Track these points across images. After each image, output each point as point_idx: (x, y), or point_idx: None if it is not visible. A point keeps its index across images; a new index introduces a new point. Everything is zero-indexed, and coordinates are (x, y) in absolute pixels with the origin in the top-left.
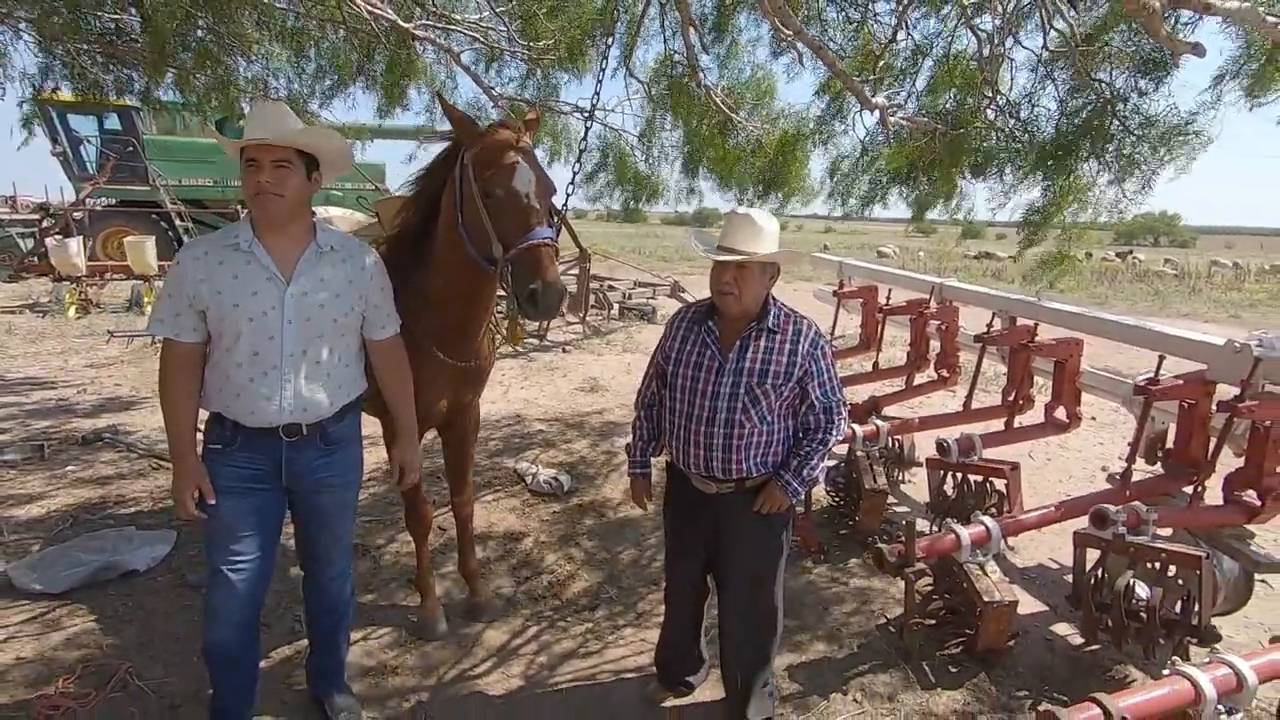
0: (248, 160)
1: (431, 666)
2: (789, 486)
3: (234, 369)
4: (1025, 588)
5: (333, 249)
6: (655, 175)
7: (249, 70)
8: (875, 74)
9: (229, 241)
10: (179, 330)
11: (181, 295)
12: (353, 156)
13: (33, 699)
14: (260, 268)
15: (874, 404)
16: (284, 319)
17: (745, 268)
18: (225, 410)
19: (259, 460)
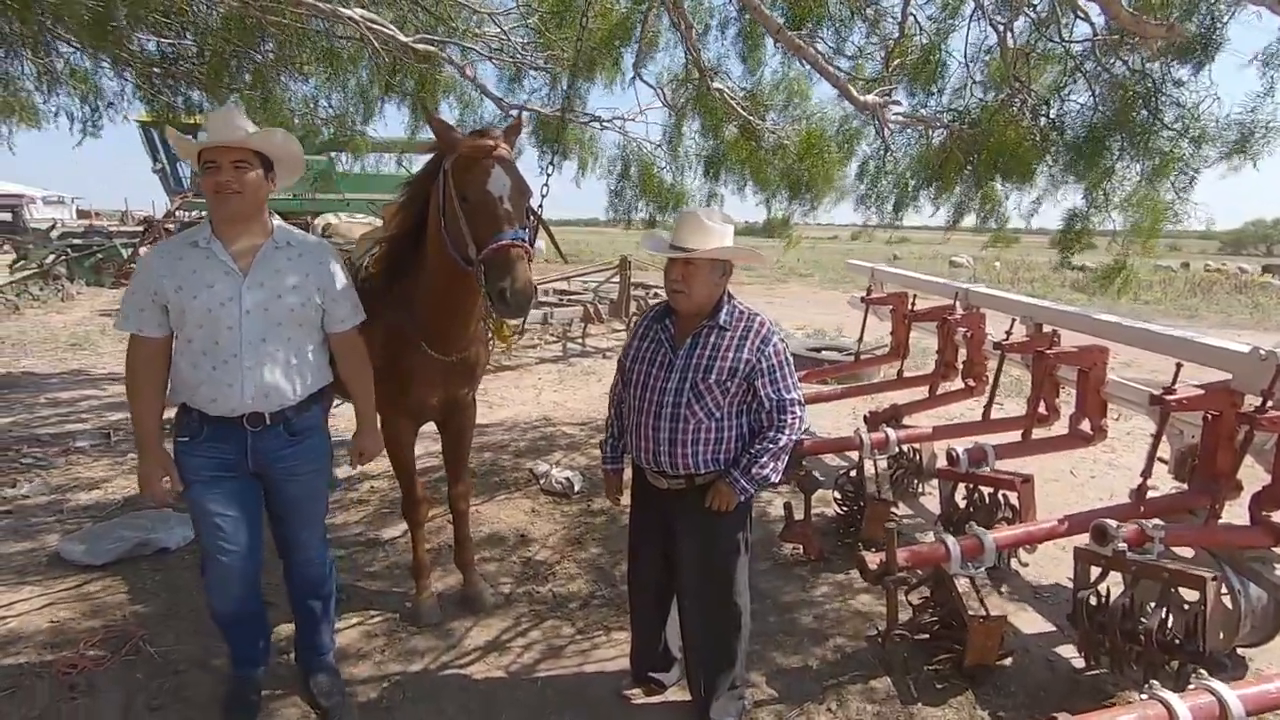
0: (207, 163)
1: (419, 652)
2: (737, 484)
3: (197, 358)
4: (1035, 606)
5: (289, 244)
6: (679, 184)
7: (299, 91)
8: (889, 71)
9: (190, 239)
10: (143, 325)
11: (146, 292)
12: (304, 159)
13: (56, 658)
14: (218, 262)
15: (895, 412)
16: (242, 310)
17: (692, 264)
18: (191, 400)
19: (226, 450)
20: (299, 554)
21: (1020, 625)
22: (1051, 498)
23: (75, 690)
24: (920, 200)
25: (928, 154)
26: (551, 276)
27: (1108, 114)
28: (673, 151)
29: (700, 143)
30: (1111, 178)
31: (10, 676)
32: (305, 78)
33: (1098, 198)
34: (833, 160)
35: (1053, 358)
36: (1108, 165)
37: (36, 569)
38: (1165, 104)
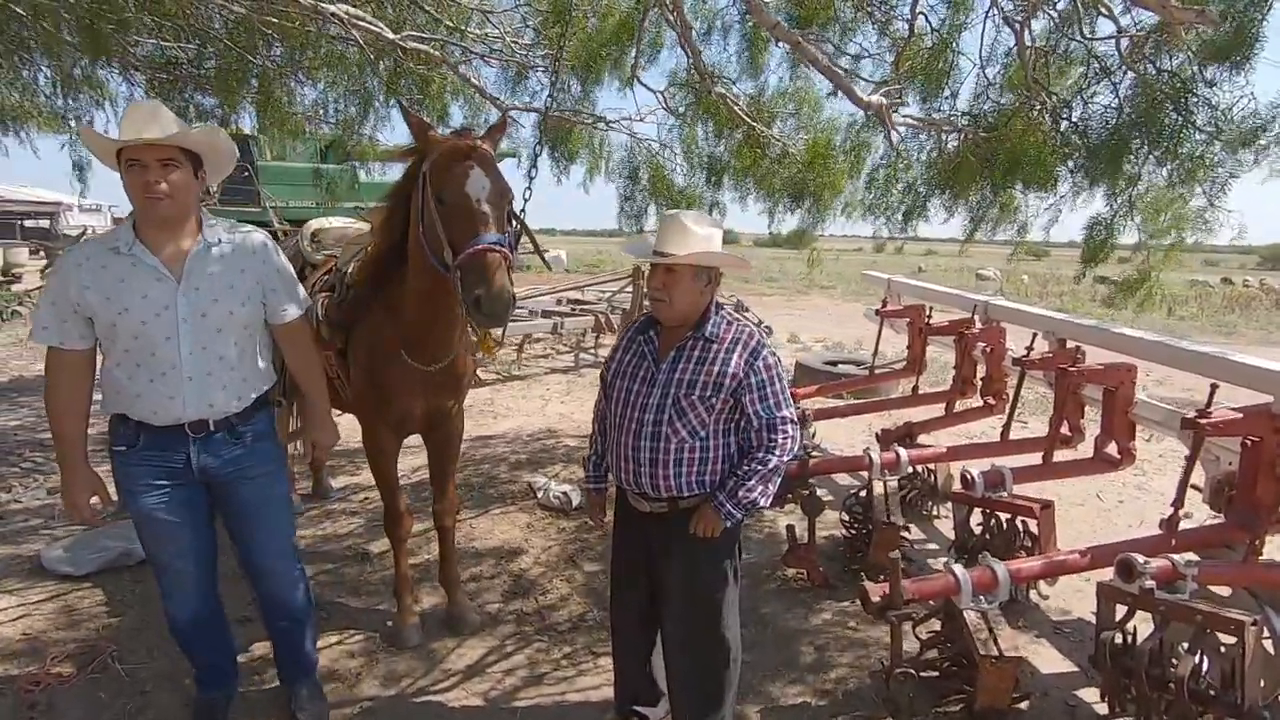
0: (129, 161)
1: (396, 677)
2: (722, 509)
3: (133, 371)
4: (1056, 643)
5: (221, 241)
6: (692, 188)
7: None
8: (899, 73)
9: (110, 245)
10: (64, 338)
11: (66, 303)
12: (234, 154)
13: (21, 674)
14: (146, 269)
15: (908, 430)
16: (179, 318)
17: (674, 271)
18: (129, 412)
19: (169, 457)
20: (264, 571)
21: (1039, 664)
22: (1076, 524)
23: (35, 709)
24: (932, 209)
25: (940, 160)
26: (563, 286)
27: (1133, 116)
28: (686, 153)
29: (702, 148)
30: (1137, 183)
31: None
32: (313, 83)
33: (1121, 204)
34: (840, 169)
35: (1075, 375)
36: (1132, 170)
37: (18, 576)
38: (1196, 105)
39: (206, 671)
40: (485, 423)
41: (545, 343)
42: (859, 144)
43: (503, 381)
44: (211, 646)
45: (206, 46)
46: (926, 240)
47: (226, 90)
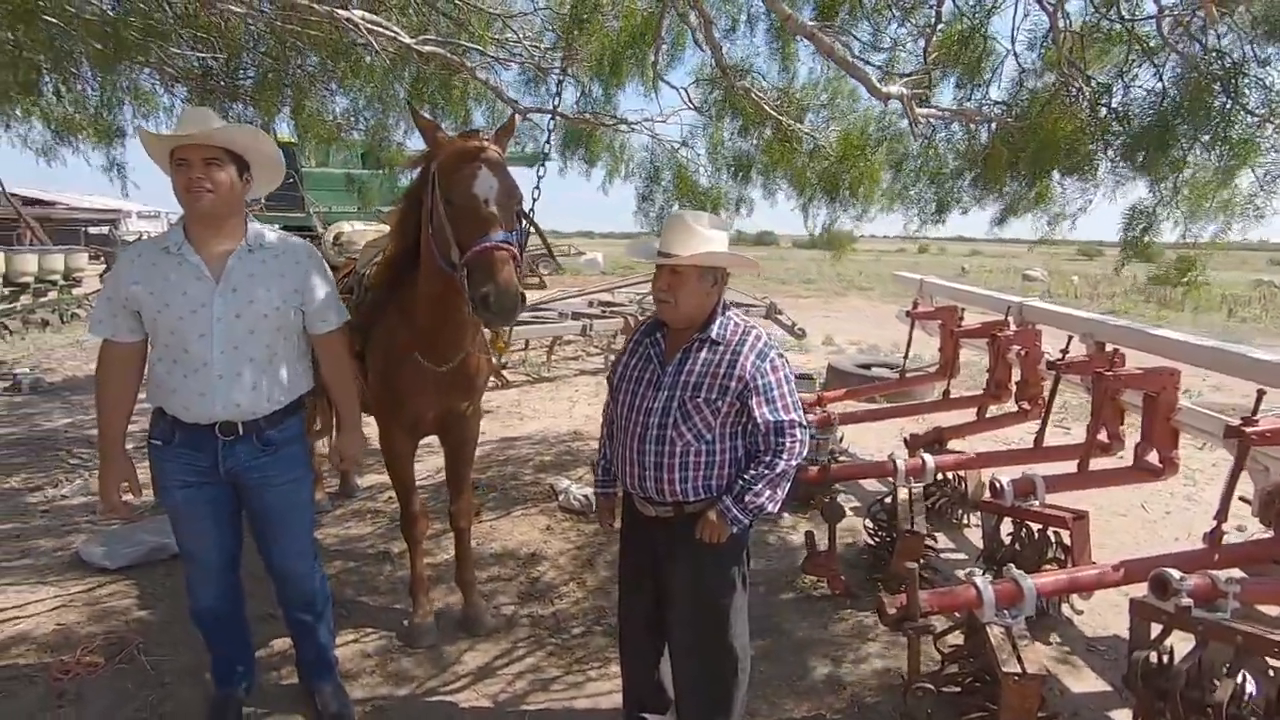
0: (178, 161)
1: (409, 677)
2: (729, 513)
3: (170, 366)
4: (1089, 661)
5: (263, 246)
6: (718, 188)
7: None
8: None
9: (161, 245)
10: (116, 331)
11: (119, 297)
12: (280, 161)
13: (52, 662)
14: (190, 268)
15: (938, 435)
16: (213, 317)
17: (678, 273)
18: (165, 406)
19: (199, 457)
20: (283, 570)
21: (1070, 683)
22: (1117, 535)
23: (63, 698)
24: (965, 200)
25: (971, 150)
26: (593, 288)
27: (1178, 99)
28: (712, 151)
29: (729, 145)
30: (1182, 169)
31: (9, 677)
32: (345, 91)
33: (1165, 191)
34: (876, 162)
35: (1112, 380)
36: (1178, 156)
37: (58, 569)
38: (1248, 86)
39: (223, 665)
40: (512, 424)
41: (576, 345)
42: (885, 135)
43: (532, 383)
44: (229, 638)
45: (243, 57)
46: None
47: (263, 100)
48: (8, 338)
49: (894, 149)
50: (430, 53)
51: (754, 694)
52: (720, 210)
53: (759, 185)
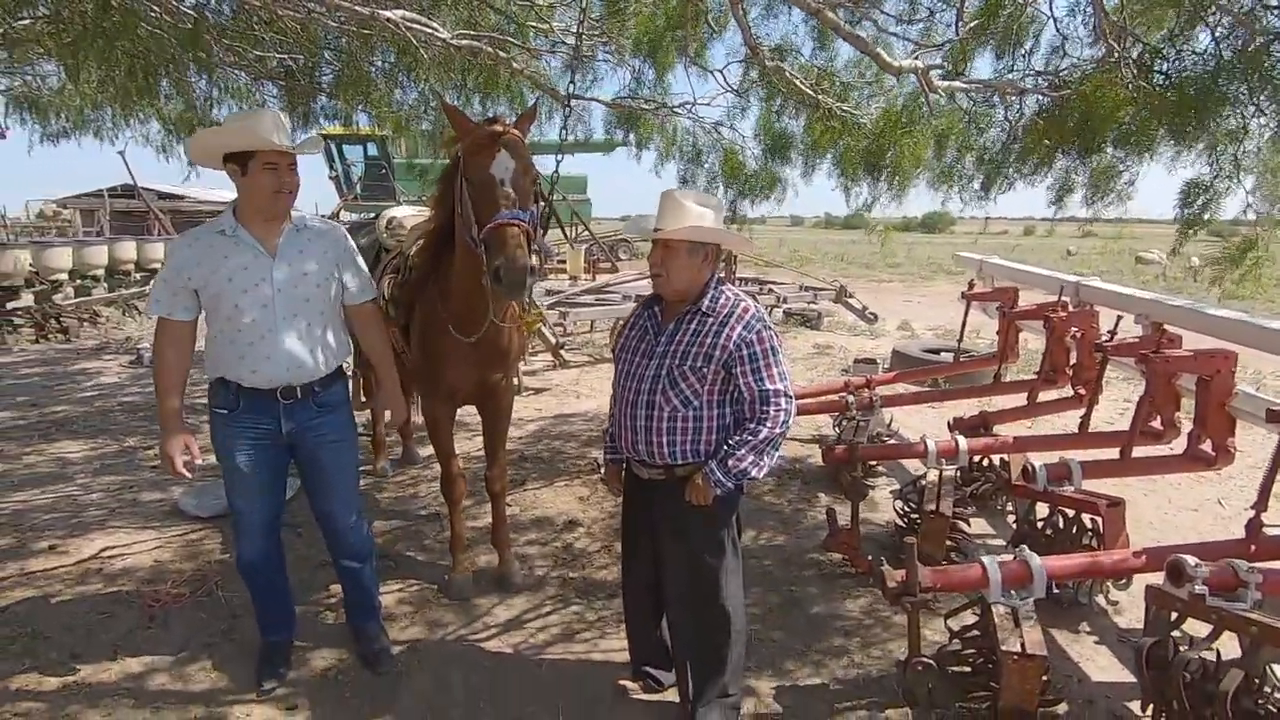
0: (266, 163)
1: (443, 624)
2: (712, 476)
3: (234, 336)
4: (1116, 652)
5: (307, 227)
6: (767, 169)
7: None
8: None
9: (217, 229)
10: (173, 310)
11: (178, 278)
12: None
13: (146, 592)
14: (247, 247)
15: (983, 420)
16: (274, 289)
17: (671, 247)
18: (230, 374)
19: (262, 420)
20: (334, 522)
21: (1090, 671)
22: (1182, 531)
23: (153, 621)
24: (1011, 176)
25: (1012, 125)
26: None
27: (1232, 60)
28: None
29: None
30: (1243, 139)
31: (109, 603)
32: (413, 83)
33: (1226, 164)
34: (919, 139)
35: (1160, 363)
36: (1236, 124)
37: (159, 516)
38: None
39: (267, 616)
40: (568, 402)
41: None
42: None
43: (593, 364)
44: (271, 591)
45: (322, 56)
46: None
47: (342, 95)
48: (135, 317)
49: (937, 126)
50: (469, 46)
51: (762, 660)
52: (773, 190)
53: (799, 165)
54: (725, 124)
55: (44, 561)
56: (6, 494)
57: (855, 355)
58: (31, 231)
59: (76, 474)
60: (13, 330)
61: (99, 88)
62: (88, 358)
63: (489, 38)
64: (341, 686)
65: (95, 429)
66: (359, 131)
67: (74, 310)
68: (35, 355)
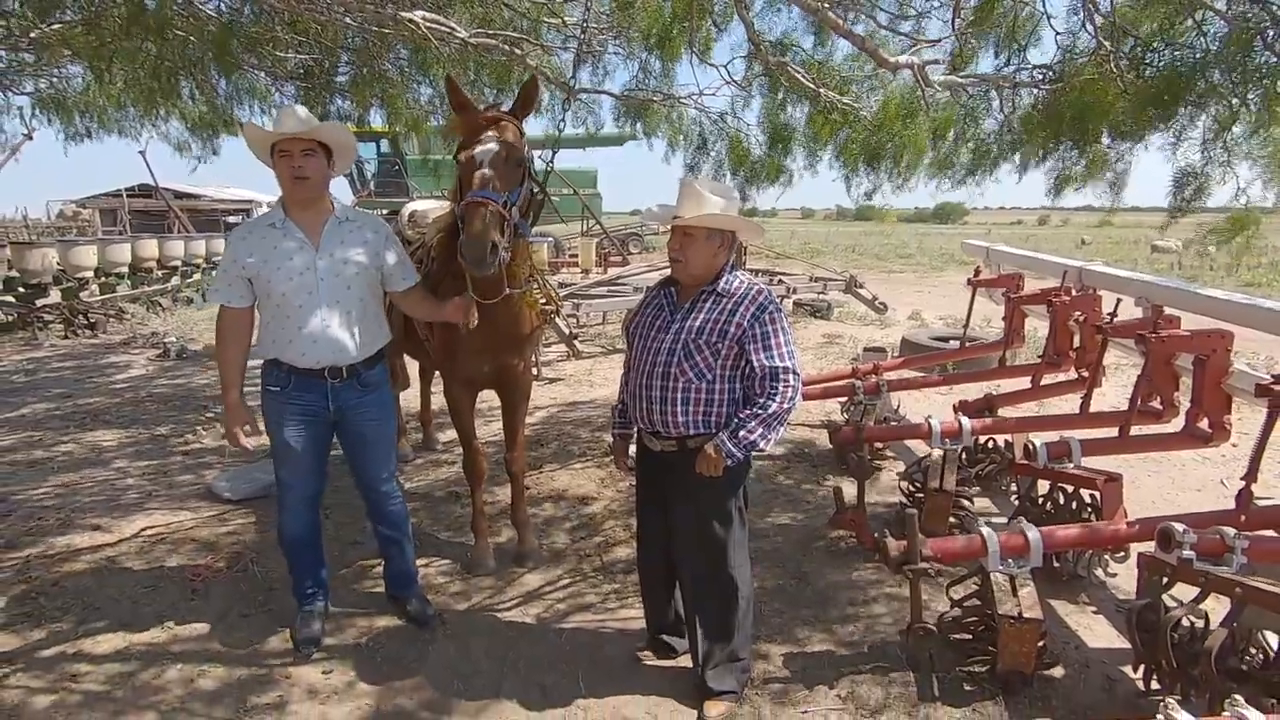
0: (280, 152)
1: (465, 595)
2: (723, 447)
3: (284, 321)
4: (1114, 621)
5: (349, 219)
6: (774, 158)
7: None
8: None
9: (268, 222)
10: (230, 297)
11: (234, 268)
12: (356, 148)
13: (189, 566)
14: (294, 239)
15: (988, 402)
16: (318, 277)
17: (689, 234)
18: (281, 356)
19: (310, 398)
20: (374, 488)
21: (1088, 639)
22: (1185, 510)
23: (195, 593)
24: (1005, 168)
25: (1008, 117)
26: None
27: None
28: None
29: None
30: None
31: (156, 576)
32: (428, 81)
33: (1215, 152)
34: (919, 130)
35: (1156, 343)
36: (1223, 113)
37: (194, 498)
38: None
39: (303, 586)
40: (581, 390)
41: None
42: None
43: (605, 354)
44: (310, 562)
45: (339, 56)
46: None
47: (357, 94)
48: (160, 312)
49: (936, 118)
50: (482, 43)
51: (772, 630)
52: (779, 178)
53: (800, 157)
54: (730, 114)
55: (90, 539)
56: (49, 478)
57: (865, 345)
58: (53, 232)
59: (113, 460)
60: (43, 326)
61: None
62: (115, 352)
63: (504, 35)
64: (373, 653)
65: (128, 419)
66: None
67: (100, 306)
68: (65, 350)
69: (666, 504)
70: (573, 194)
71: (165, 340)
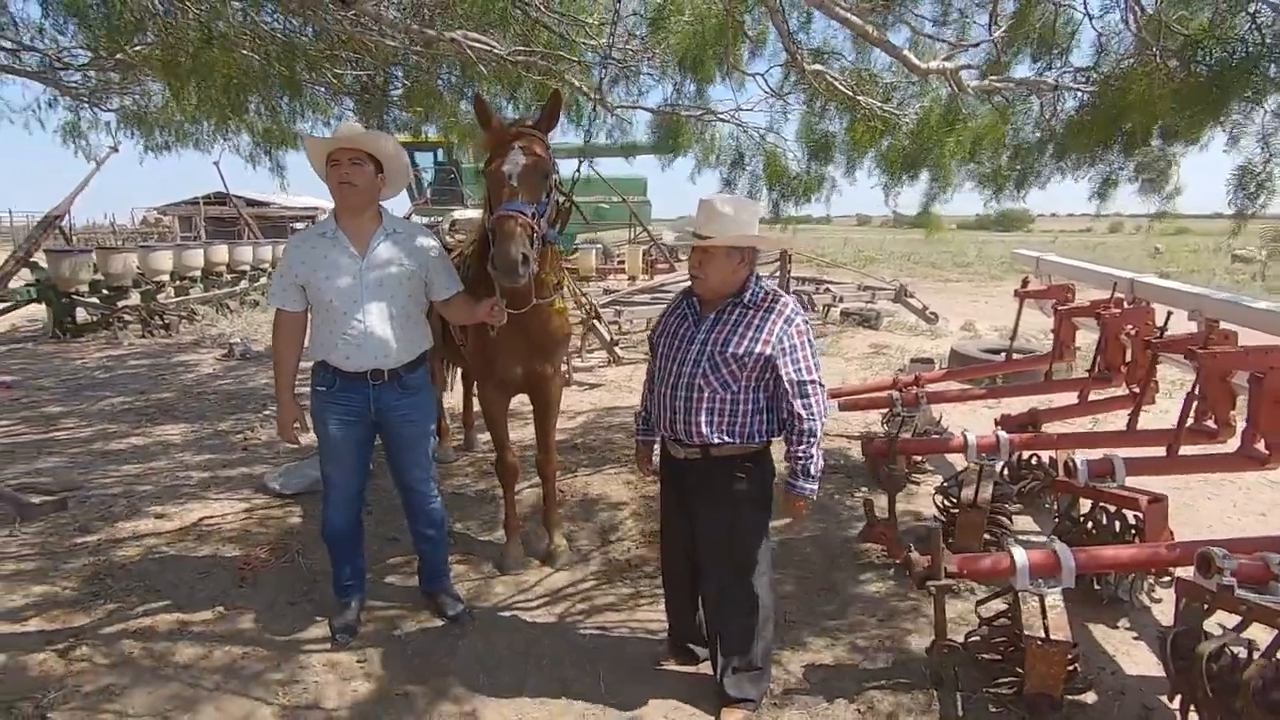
0: (331, 161)
1: (492, 593)
2: (796, 490)
3: (332, 326)
4: (1155, 648)
5: (396, 231)
6: (810, 173)
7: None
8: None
9: (319, 231)
10: (285, 301)
11: (289, 274)
12: (408, 165)
13: (239, 556)
14: (343, 248)
15: (1032, 417)
16: (364, 286)
17: (709, 251)
18: (328, 359)
19: (354, 399)
20: (413, 487)
21: (1126, 665)
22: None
23: (244, 582)
24: (1050, 175)
25: (1049, 122)
26: None
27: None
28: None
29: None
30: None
31: (208, 565)
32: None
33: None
34: (962, 136)
35: (1208, 359)
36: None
37: (250, 490)
38: None
39: (343, 578)
40: (620, 396)
41: None
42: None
43: (646, 361)
44: (351, 556)
45: (394, 72)
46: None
47: (411, 107)
48: (228, 314)
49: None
50: (522, 61)
51: (795, 641)
52: (815, 192)
53: (841, 165)
54: (768, 129)
55: (153, 525)
56: (119, 467)
57: (912, 355)
58: (137, 237)
59: (177, 452)
60: (123, 326)
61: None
62: (186, 351)
63: (542, 53)
64: (404, 644)
65: (194, 414)
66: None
67: (174, 308)
68: (141, 349)
69: (690, 509)
70: (621, 201)
71: (231, 341)
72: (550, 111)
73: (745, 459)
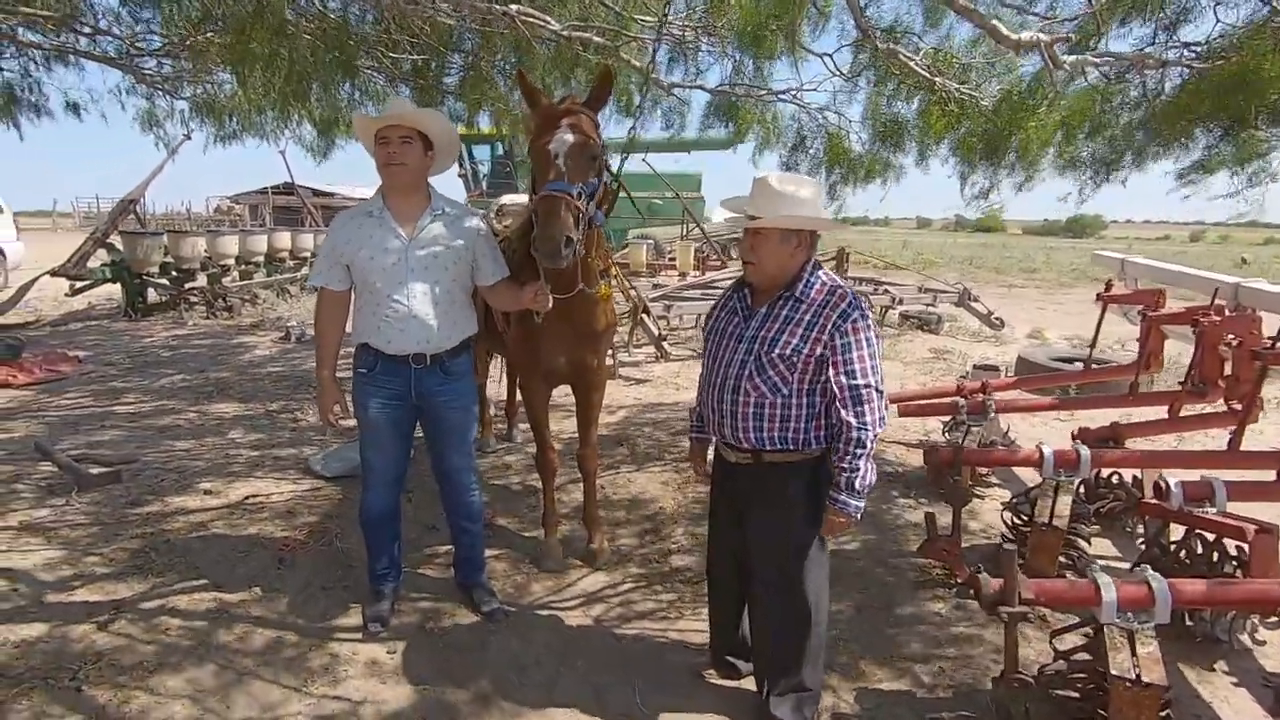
0: (380, 139)
1: (529, 590)
2: (842, 506)
3: (375, 308)
4: (1256, 695)
5: (444, 212)
6: (873, 155)
7: None
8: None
9: (366, 210)
10: (329, 281)
11: (333, 253)
12: (458, 141)
13: (279, 537)
14: (389, 229)
15: (1113, 432)
16: (409, 267)
17: (760, 234)
18: (371, 341)
19: (395, 383)
20: (452, 475)
21: (1223, 714)
22: None
23: (282, 564)
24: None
25: (1149, 100)
26: None
27: None
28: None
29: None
30: None
31: (249, 544)
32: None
33: None
34: (1049, 121)
35: None
36: None
37: (295, 471)
38: None
39: (379, 565)
40: (667, 393)
41: None
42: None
43: (696, 358)
44: (387, 542)
45: (449, 57)
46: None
47: (465, 94)
48: (288, 299)
49: (1066, 106)
50: (579, 38)
51: (846, 661)
52: (878, 175)
53: (912, 152)
54: (831, 109)
55: (201, 501)
56: (174, 442)
57: (975, 361)
58: (209, 224)
59: (229, 431)
60: (189, 307)
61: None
62: (246, 333)
63: (598, 28)
64: (436, 638)
65: (247, 394)
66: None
67: (238, 291)
68: (204, 329)
69: (741, 515)
70: (675, 197)
71: (288, 325)
72: (600, 89)
73: (802, 465)
